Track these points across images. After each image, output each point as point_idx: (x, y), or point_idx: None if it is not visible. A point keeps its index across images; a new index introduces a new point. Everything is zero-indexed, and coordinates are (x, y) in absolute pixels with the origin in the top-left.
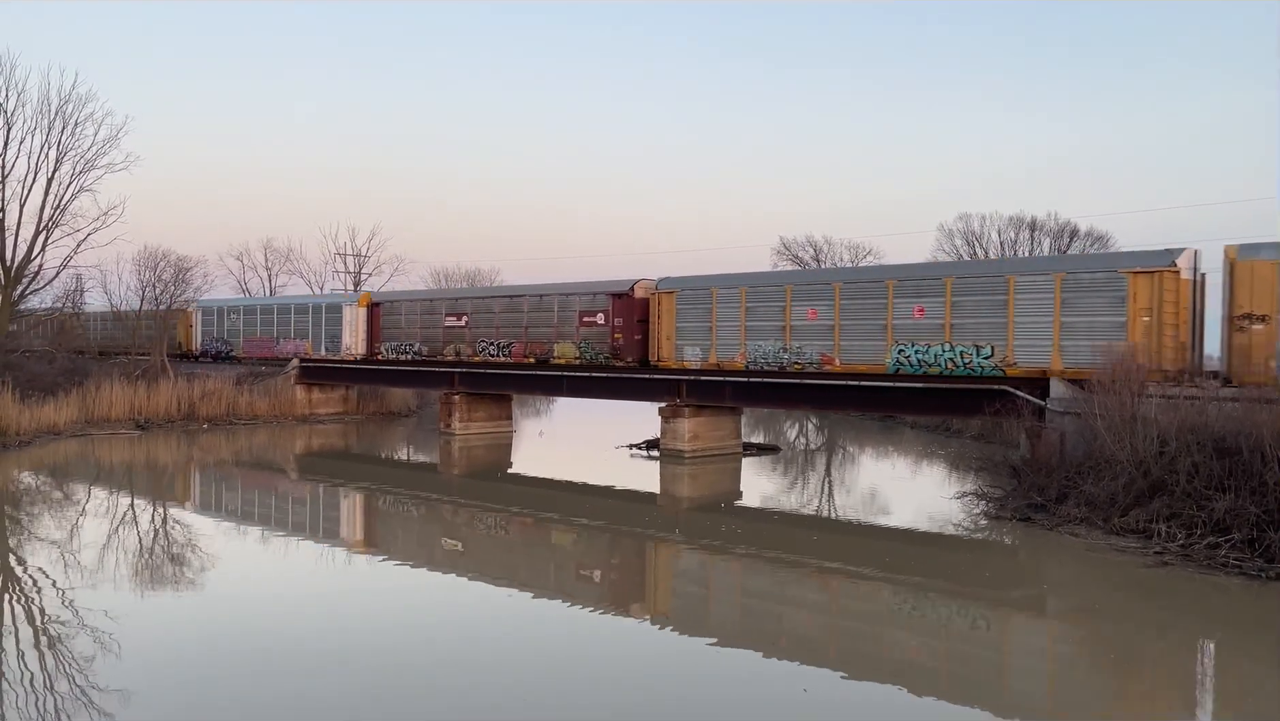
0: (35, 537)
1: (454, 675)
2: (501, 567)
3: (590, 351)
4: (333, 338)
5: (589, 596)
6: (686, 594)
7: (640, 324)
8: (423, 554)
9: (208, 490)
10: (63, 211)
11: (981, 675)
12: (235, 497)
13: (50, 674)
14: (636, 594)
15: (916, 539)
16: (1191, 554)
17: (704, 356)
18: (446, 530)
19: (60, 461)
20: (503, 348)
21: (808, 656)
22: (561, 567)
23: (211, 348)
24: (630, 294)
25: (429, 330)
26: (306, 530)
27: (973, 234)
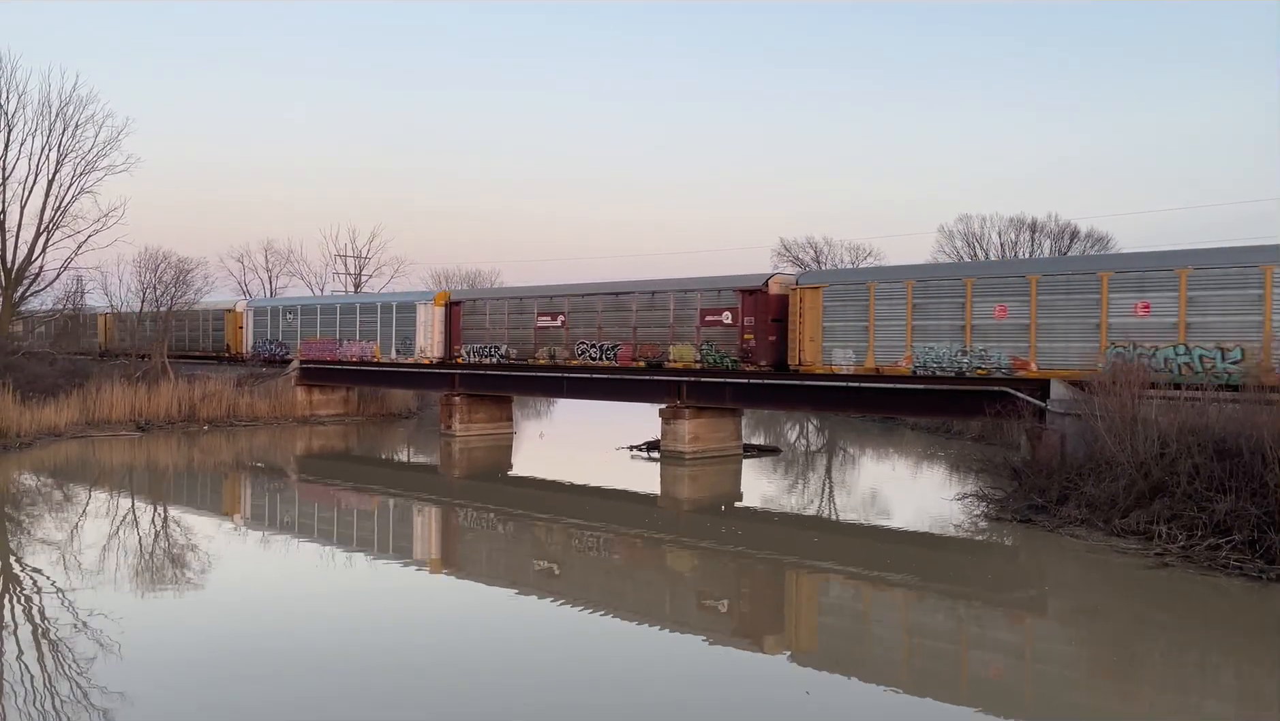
0: (36, 539)
1: (455, 676)
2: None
3: (713, 354)
4: (404, 339)
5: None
6: (687, 594)
7: (775, 323)
8: (423, 554)
9: (208, 491)
10: (63, 213)
11: (982, 676)
12: (236, 499)
13: (51, 675)
14: (637, 594)
15: (917, 540)
16: (1192, 555)
17: (858, 359)
18: (447, 531)
19: (61, 463)
20: (606, 350)
21: (809, 658)
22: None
23: (264, 350)
24: (764, 290)
25: (518, 331)
26: (306, 530)
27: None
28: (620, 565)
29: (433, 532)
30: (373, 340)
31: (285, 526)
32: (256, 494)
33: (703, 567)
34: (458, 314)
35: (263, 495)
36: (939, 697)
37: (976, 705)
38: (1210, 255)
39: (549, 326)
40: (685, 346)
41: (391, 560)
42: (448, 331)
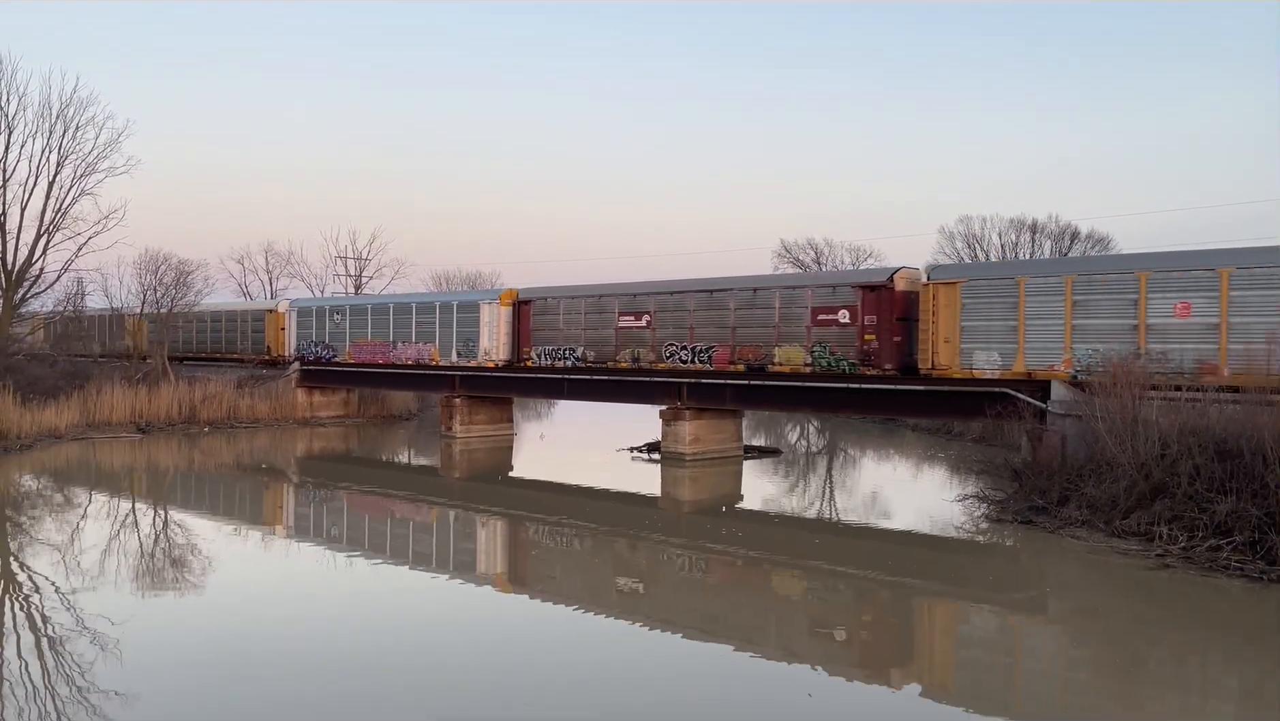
0: (36, 541)
1: (456, 678)
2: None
3: (827, 357)
4: (466, 341)
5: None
6: (688, 596)
7: (901, 323)
8: (423, 555)
9: (208, 493)
10: (64, 215)
11: (984, 677)
12: (237, 500)
13: (51, 676)
14: (636, 596)
15: (918, 541)
16: (1193, 556)
17: (1004, 362)
18: (448, 533)
19: (61, 464)
20: (699, 353)
21: (811, 660)
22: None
23: (309, 353)
24: (889, 286)
25: (596, 332)
26: (308, 532)
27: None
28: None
29: (431, 533)
30: (430, 342)
31: (282, 527)
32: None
33: (706, 570)
34: (527, 313)
35: (265, 497)
36: (939, 698)
37: (977, 706)
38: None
39: (632, 327)
40: (793, 348)
41: (392, 562)
42: (515, 332)
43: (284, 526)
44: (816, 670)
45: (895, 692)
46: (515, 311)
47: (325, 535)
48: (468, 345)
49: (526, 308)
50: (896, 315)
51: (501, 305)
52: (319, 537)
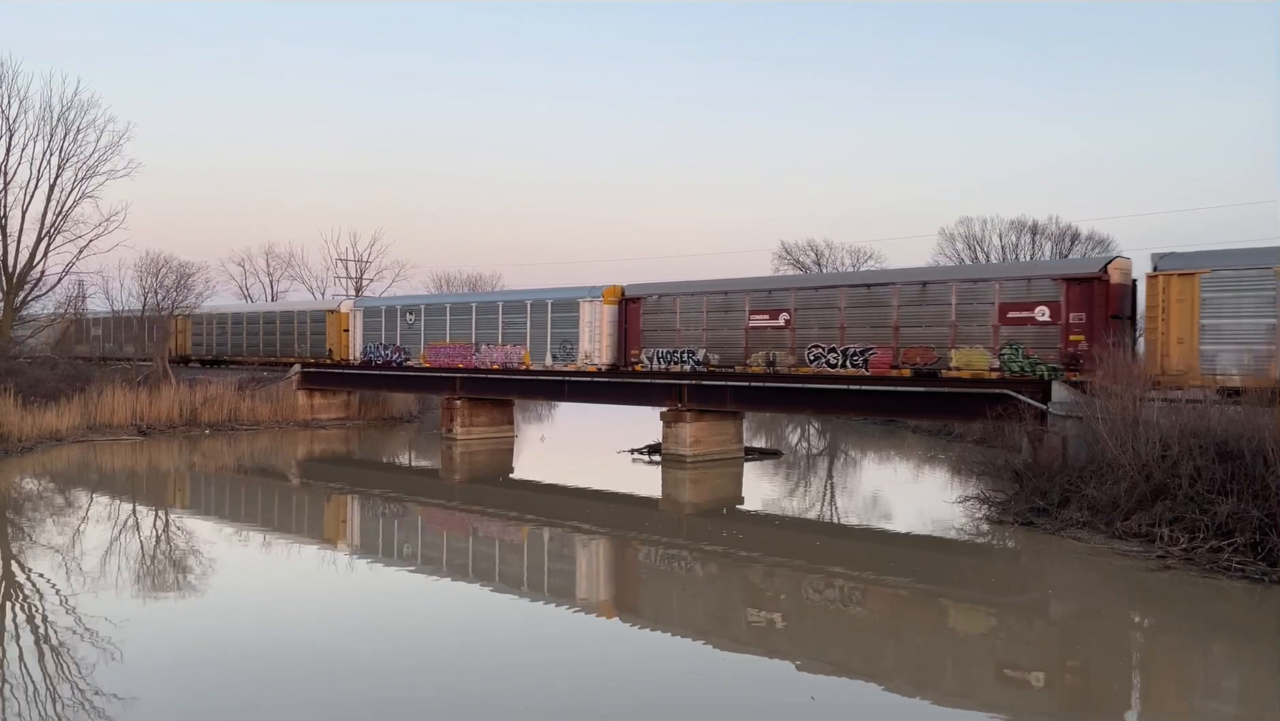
0: (37, 543)
1: (459, 680)
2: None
3: (1019, 360)
4: (563, 343)
5: (589, 600)
6: (689, 598)
7: (1115, 320)
8: (425, 558)
9: (208, 495)
10: (65, 218)
11: (985, 679)
12: (236, 502)
13: (52, 679)
14: (637, 597)
15: (919, 543)
16: (1194, 558)
17: (1256, 366)
18: (449, 533)
19: (62, 467)
20: (853, 356)
21: (813, 662)
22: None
23: (378, 356)
24: (1102, 277)
25: (722, 332)
26: (309, 534)
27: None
28: (619, 568)
29: (432, 534)
30: (520, 344)
31: (282, 529)
32: (258, 497)
33: (707, 572)
34: (635, 312)
35: (264, 499)
36: (941, 701)
37: (978, 708)
38: None
39: (766, 326)
40: (974, 351)
41: (392, 563)
42: (621, 333)
43: (282, 528)
44: (818, 673)
45: (897, 694)
46: (620, 310)
47: (326, 537)
48: (564, 348)
49: (635, 306)
50: (1111, 312)
51: (604, 303)
52: (319, 539)
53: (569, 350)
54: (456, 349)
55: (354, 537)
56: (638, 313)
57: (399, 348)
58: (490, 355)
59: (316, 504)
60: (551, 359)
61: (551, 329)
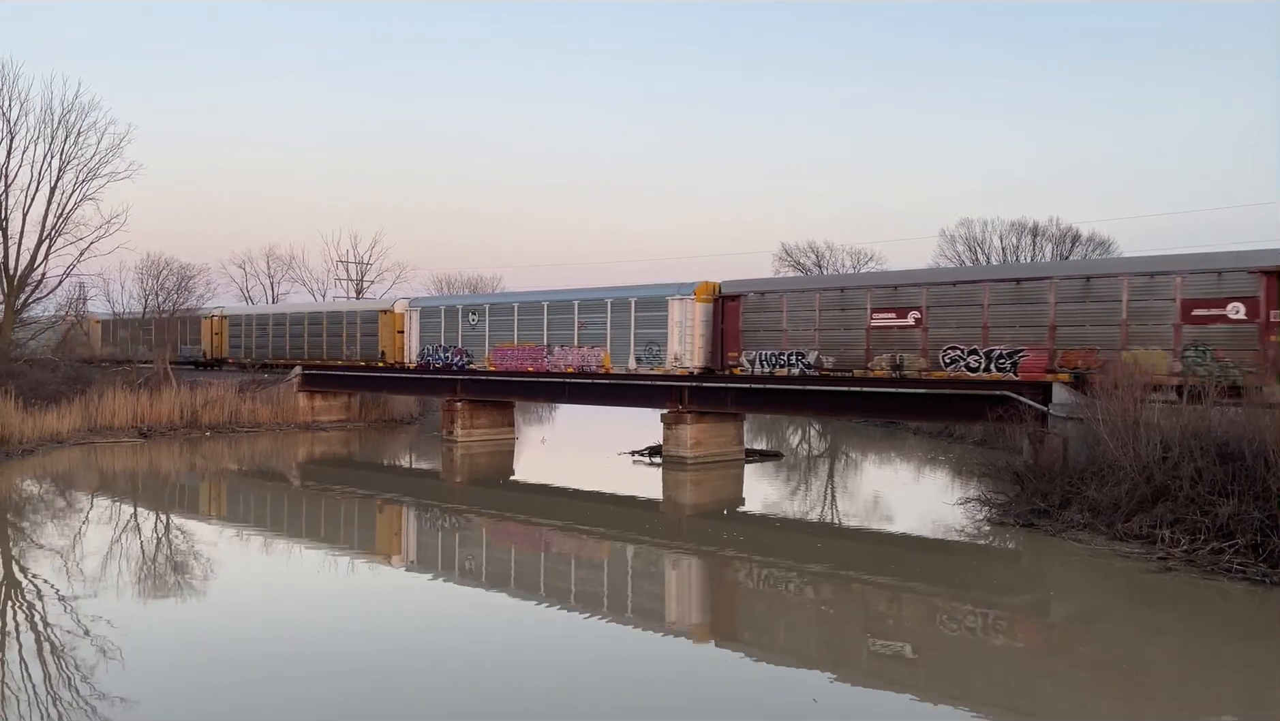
0: (38, 545)
1: (459, 681)
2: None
3: (1208, 363)
4: (649, 344)
5: (590, 602)
6: (690, 600)
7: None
8: (425, 559)
9: (208, 497)
10: (66, 220)
11: (986, 680)
12: (236, 504)
13: (53, 681)
14: (639, 599)
15: (920, 545)
16: (1195, 559)
17: None
18: (448, 536)
19: (63, 469)
20: (998, 358)
21: (815, 664)
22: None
23: (436, 359)
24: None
25: (837, 333)
26: (309, 536)
27: (975, 240)
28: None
29: (436, 538)
30: (599, 346)
31: (283, 531)
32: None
33: (706, 573)
34: (733, 311)
35: (264, 502)
36: (942, 702)
37: (980, 709)
38: None
39: (892, 326)
40: (1151, 352)
41: (393, 566)
42: (716, 334)
43: (283, 531)
44: (820, 674)
45: (898, 696)
46: (717, 309)
47: (326, 539)
48: (650, 350)
49: (733, 304)
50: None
51: (697, 301)
52: (319, 541)
53: (655, 352)
54: (526, 351)
55: (354, 539)
56: (736, 311)
57: (460, 350)
58: (564, 358)
59: (316, 506)
60: (635, 362)
61: (635, 329)
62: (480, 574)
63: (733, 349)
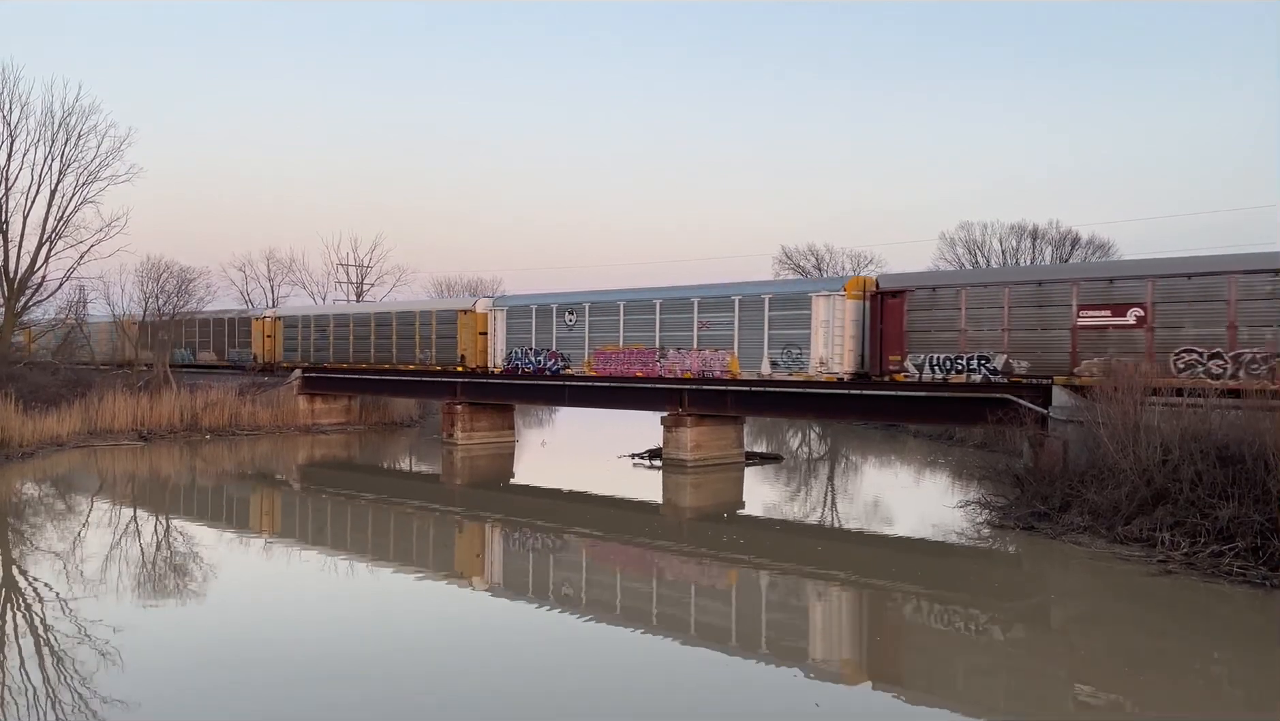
0: (38, 548)
1: (459, 682)
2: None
3: None
4: (787, 347)
5: (594, 605)
6: (691, 603)
7: None
8: (424, 562)
9: (208, 500)
10: (66, 223)
11: (986, 684)
12: (236, 507)
13: (53, 684)
14: (641, 603)
15: (920, 548)
16: (1195, 562)
17: None
18: (455, 537)
19: (63, 472)
20: (1250, 364)
21: (818, 668)
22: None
23: (526, 363)
24: None
25: (1034, 333)
26: (309, 539)
27: (974, 242)
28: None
29: (436, 540)
30: (725, 349)
31: (283, 534)
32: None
33: (708, 577)
34: (895, 309)
35: (263, 504)
36: (944, 706)
37: (981, 713)
38: None
39: (1107, 325)
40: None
41: (392, 568)
42: (872, 333)
43: (283, 534)
44: (822, 678)
45: (900, 700)
46: (874, 306)
47: (325, 542)
48: (789, 353)
49: (895, 301)
50: None
51: (848, 298)
52: (318, 543)
53: (796, 356)
54: (634, 354)
55: (352, 541)
56: (899, 309)
57: (555, 353)
58: (681, 362)
59: (315, 508)
60: (770, 366)
61: (770, 330)
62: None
63: (894, 351)
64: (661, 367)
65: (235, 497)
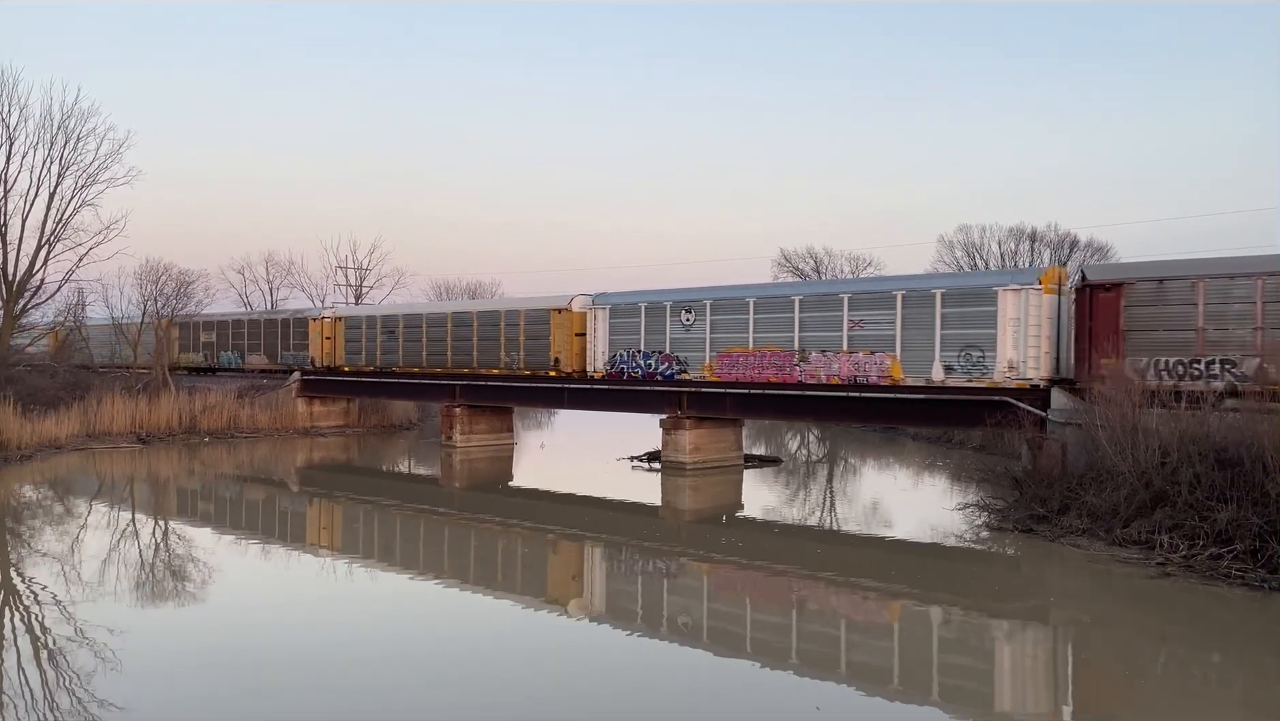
0: (36, 551)
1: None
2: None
3: None
4: (966, 349)
5: (596, 608)
6: (692, 606)
7: None
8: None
9: (207, 503)
10: (65, 226)
11: (986, 687)
12: (235, 510)
13: (51, 688)
14: (644, 605)
15: (919, 551)
16: (1194, 565)
17: None
18: (452, 539)
19: (61, 475)
20: None
21: (818, 671)
22: (561, 578)
23: (633, 367)
24: None
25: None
26: (308, 541)
27: (973, 245)
28: (620, 576)
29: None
30: (883, 350)
31: (282, 537)
32: (256, 505)
33: (710, 580)
34: (1109, 304)
35: (262, 507)
36: (945, 709)
37: (981, 715)
38: None
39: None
40: None
41: (392, 571)
42: (1079, 333)
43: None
44: (823, 682)
45: (901, 704)
46: (1083, 301)
47: (325, 543)
48: (969, 355)
49: (1109, 295)
50: None
51: (1045, 292)
52: (318, 546)
53: (977, 359)
54: (766, 357)
55: (352, 543)
56: (1113, 305)
57: (669, 356)
58: (826, 366)
59: (315, 511)
60: (944, 371)
61: (942, 329)
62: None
63: (1105, 352)
64: (802, 372)
65: (233, 499)
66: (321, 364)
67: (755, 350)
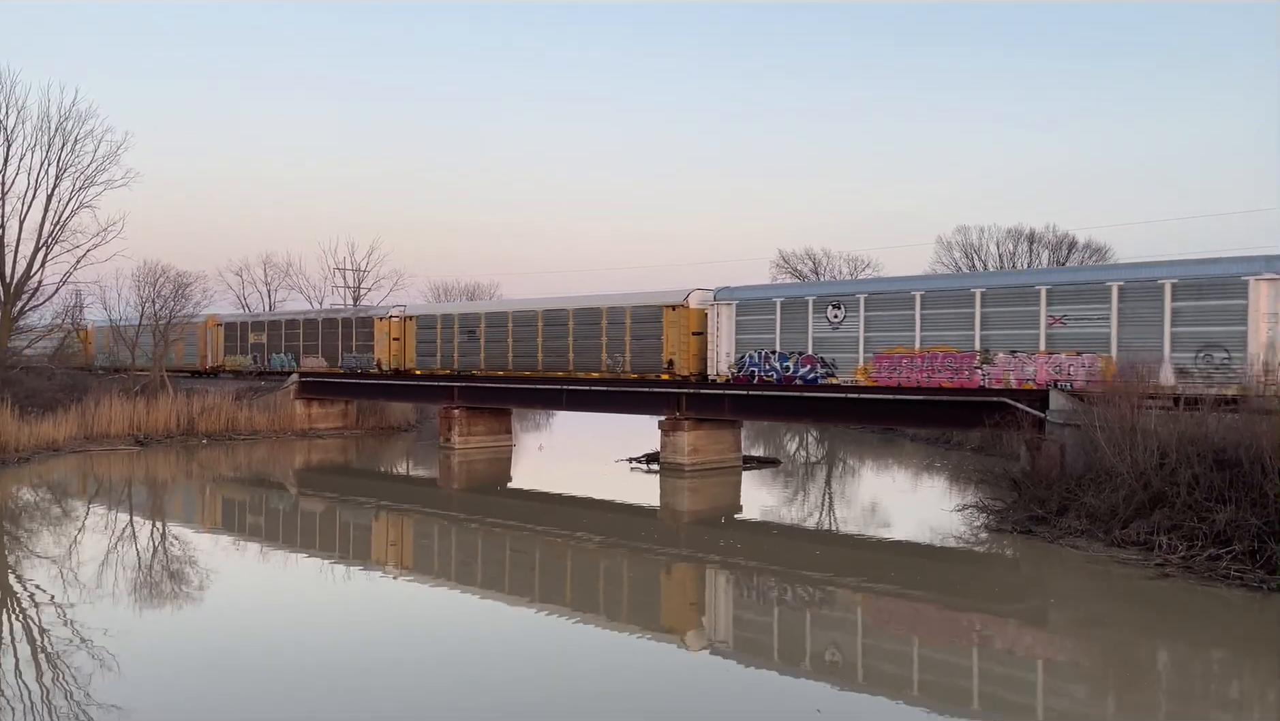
0: (34, 554)
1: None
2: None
3: None
4: (1206, 349)
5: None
6: (692, 608)
7: None
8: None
9: (206, 504)
10: (62, 228)
11: (984, 688)
12: (234, 513)
13: (49, 690)
14: (644, 607)
15: (918, 552)
16: (1193, 566)
17: None
18: (453, 541)
19: (59, 477)
20: None
21: (818, 673)
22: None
23: (765, 369)
24: None
25: None
26: (305, 544)
27: (971, 246)
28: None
29: (434, 545)
30: (1093, 350)
31: (281, 540)
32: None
33: (706, 582)
34: None
35: (261, 509)
36: (945, 711)
37: (981, 716)
38: None
39: None
40: None
41: (390, 574)
42: None
43: (281, 539)
44: (823, 682)
45: (901, 705)
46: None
47: (323, 548)
48: (1209, 357)
49: None
50: None
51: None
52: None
53: (1222, 361)
54: (937, 359)
55: (350, 546)
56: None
57: (812, 358)
58: (1018, 369)
59: (314, 515)
60: (1177, 374)
61: (1172, 326)
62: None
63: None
64: (985, 376)
65: (232, 501)
66: (389, 367)
67: (923, 351)
